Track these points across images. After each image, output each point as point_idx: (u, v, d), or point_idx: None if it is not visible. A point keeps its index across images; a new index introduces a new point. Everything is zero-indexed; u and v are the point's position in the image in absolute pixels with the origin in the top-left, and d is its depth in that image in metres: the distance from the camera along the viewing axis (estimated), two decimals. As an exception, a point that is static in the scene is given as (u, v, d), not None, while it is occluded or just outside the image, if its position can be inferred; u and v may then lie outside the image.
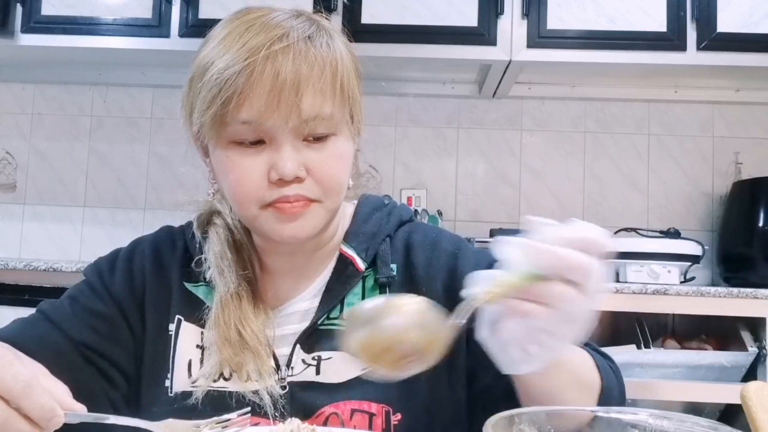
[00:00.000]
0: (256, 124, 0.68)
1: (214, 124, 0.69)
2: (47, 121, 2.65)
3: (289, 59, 0.68)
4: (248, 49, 0.68)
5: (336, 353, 0.76)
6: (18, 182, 2.64)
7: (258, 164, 0.70)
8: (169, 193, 2.58)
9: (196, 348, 0.79)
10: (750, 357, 1.86)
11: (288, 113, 0.68)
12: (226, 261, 0.78)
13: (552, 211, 2.50)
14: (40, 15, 2.23)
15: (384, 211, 0.86)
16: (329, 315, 0.78)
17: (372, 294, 0.80)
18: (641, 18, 2.13)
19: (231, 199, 0.74)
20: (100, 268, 0.83)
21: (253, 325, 0.76)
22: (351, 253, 0.80)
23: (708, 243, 2.33)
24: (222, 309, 0.76)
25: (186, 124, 0.77)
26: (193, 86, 0.73)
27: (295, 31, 0.70)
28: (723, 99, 2.47)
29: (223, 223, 0.81)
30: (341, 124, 0.73)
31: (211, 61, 0.70)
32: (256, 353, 0.74)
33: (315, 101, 0.69)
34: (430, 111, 2.56)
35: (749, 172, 2.43)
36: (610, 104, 2.53)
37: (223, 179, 0.74)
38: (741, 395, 0.41)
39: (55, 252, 2.59)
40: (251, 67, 0.67)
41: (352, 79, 0.74)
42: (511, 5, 2.15)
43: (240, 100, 0.67)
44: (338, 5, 2.15)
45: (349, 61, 0.75)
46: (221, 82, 0.68)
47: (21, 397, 0.51)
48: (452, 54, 2.16)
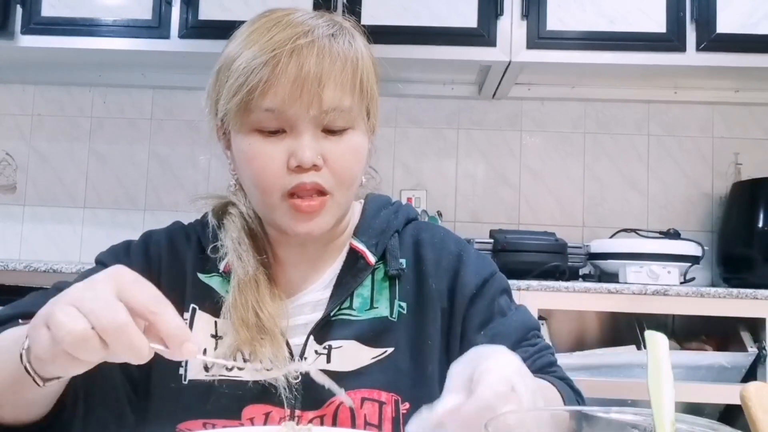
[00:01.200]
0: (278, 112, 0.72)
1: (238, 111, 0.73)
2: (47, 122, 2.66)
3: (313, 53, 0.72)
4: (274, 42, 0.72)
5: (346, 342, 0.78)
6: (18, 183, 2.64)
7: (278, 152, 0.73)
8: (169, 194, 2.58)
9: (211, 337, 0.79)
10: (750, 357, 1.86)
11: (310, 103, 0.71)
12: (243, 246, 0.80)
13: (552, 211, 2.50)
14: (40, 16, 2.23)
15: (391, 209, 0.89)
16: (341, 307, 0.80)
17: (381, 286, 0.82)
18: (641, 19, 2.13)
19: (253, 185, 0.76)
20: (117, 252, 0.85)
21: (270, 308, 0.77)
22: (361, 247, 0.82)
23: (708, 244, 2.33)
24: (240, 292, 0.77)
25: (210, 115, 0.80)
26: (220, 76, 0.77)
27: (319, 29, 0.74)
28: (723, 99, 2.47)
29: (238, 212, 0.83)
30: (358, 119, 0.77)
31: (239, 53, 0.74)
32: (273, 337, 0.75)
33: (336, 93, 0.73)
34: (430, 112, 2.56)
35: (749, 172, 2.43)
36: (609, 105, 2.53)
37: (244, 167, 0.76)
38: (741, 396, 0.41)
39: (55, 253, 2.59)
40: (277, 58, 0.71)
41: (372, 77, 0.79)
42: (511, 6, 2.15)
43: (265, 88, 0.71)
44: (338, 6, 2.15)
45: (369, 61, 0.79)
46: (248, 72, 0.72)
47: (155, 312, 0.51)
48: (452, 55, 2.16)
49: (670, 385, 0.40)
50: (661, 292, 1.85)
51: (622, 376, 1.85)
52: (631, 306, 1.88)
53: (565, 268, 2.10)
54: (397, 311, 0.81)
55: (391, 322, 0.80)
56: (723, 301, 1.84)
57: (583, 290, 1.86)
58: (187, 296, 0.81)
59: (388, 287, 0.82)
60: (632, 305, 1.87)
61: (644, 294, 1.85)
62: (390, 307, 0.81)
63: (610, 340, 2.12)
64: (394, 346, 0.79)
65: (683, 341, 2.05)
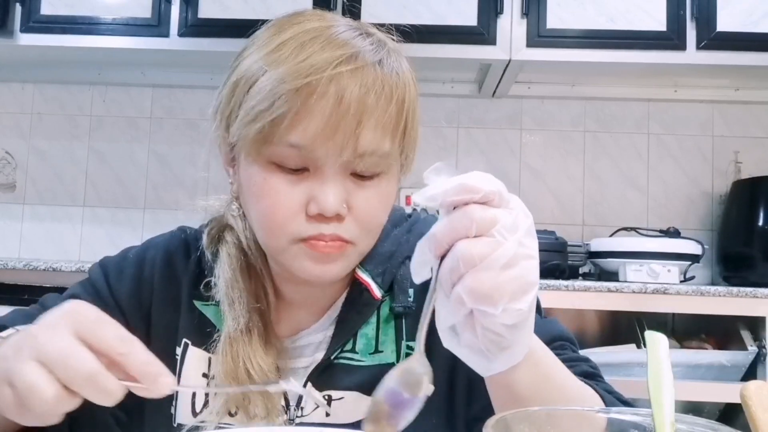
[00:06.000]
0: (305, 150, 0.61)
1: (257, 140, 0.62)
2: (47, 120, 2.65)
3: (356, 84, 0.61)
4: (311, 64, 0.60)
5: (348, 393, 0.71)
6: (17, 182, 2.64)
7: (297, 194, 0.63)
8: (169, 193, 2.58)
9: (202, 377, 0.74)
10: (750, 356, 1.86)
11: (344, 144, 0.61)
12: (237, 291, 0.71)
13: (552, 210, 2.50)
14: (40, 14, 2.23)
15: (404, 227, 0.79)
16: (343, 348, 0.73)
17: (387, 325, 0.73)
18: (641, 17, 2.13)
19: (259, 225, 0.67)
20: (107, 271, 0.78)
21: (263, 362, 0.69)
22: (366, 278, 0.73)
23: (708, 242, 2.33)
24: (230, 345, 0.69)
25: (216, 127, 0.69)
26: (237, 92, 0.65)
27: (365, 54, 0.63)
28: (723, 98, 2.47)
29: (235, 241, 0.73)
30: (394, 164, 0.67)
31: (263, 69, 0.62)
32: (265, 393, 0.69)
33: (375, 136, 0.62)
34: (430, 110, 2.56)
35: (749, 171, 2.43)
36: (609, 103, 2.53)
37: (253, 201, 0.66)
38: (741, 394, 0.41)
39: (54, 252, 2.59)
40: (312, 87, 0.60)
41: (417, 115, 0.69)
42: (511, 4, 2.15)
43: (294, 120, 0.60)
44: (338, 4, 2.15)
45: (415, 93, 0.69)
46: (275, 96, 0.60)
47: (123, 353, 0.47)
48: (452, 53, 2.16)
49: (670, 386, 0.40)
50: (661, 290, 1.85)
51: (622, 375, 1.85)
52: (631, 305, 1.88)
53: (565, 267, 2.10)
54: (405, 354, 0.72)
55: None
56: (723, 299, 1.84)
57: (583, 289, 1.86)
58: (180, 327, 0.75)
59: (393, 326, 0.73)
60: (632, 304, 1.87)
61: (644, 293, 1.85)
62: (396, 351, 0.73)
63: (610, 339, 2.12)
64: None
65: (683, 340, 2.05)
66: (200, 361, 0.74)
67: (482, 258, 0.44)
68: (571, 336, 0.75)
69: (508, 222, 0.45)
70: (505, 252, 0.44)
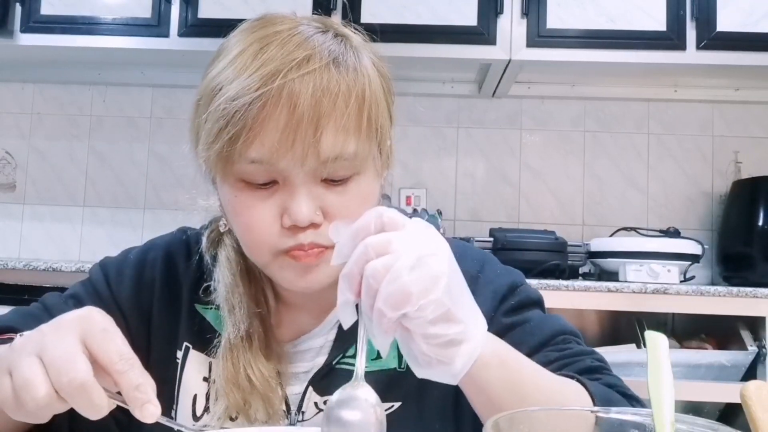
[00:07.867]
0: (268, 164, 0.61)
1: (219, 160, 0.62)
2: (47, 120, 2.65)
3: (308, 90, 0.59)
4: (261, 75, 0.59)
5: None
6: (17, 182, 2.64)
7: (269, 208, 0.63)
8: (169, 193, 2.58)
9: (203, 381, 0.73)
10: (750, 356, 1.86)
11: (304, 154, 0.60)
12: (237, 296, 0.71)
13: (552, 210, 2.50)
14: (40, 14, 2.23)
15: None
16: (345, 353, 0.72)
17: None
18: (641, 17, 2.13)
19: (241, 241, 0.68)
20: (108, 272, 0.77)
21: (264, 368, 0.69)
22: None
23: (708, 242, 2.33)
24: (231, 351, 0.69)
25: (191, 148, 0.69)
26: (198, 112, 0.65)
27: (319, 54, 0.61)
28: (722, 98, 2.47)
29: (234, 244, 0.73)
30: (366, 162, 0.65)
31: (220, 86, 0.62)
32: (266, 399, 0.68)
33: (337, 139, 0.61)
34: (430, 110, 2.56)
35: (749, 171, 2.43)
36: (609, 103, 2.53)
37: (231, 218, 0.67)
38: (740, 394, 0.41)
39: (54, 252, 2.59)
40: (264, 98, 0.59)
41: (382, 108, 0.66)
42: (511, 4, 2.15)
43: (249, 136, 0.59)
44: (338, 4, 2.15)
45: (379, 86, 0.66)
46: (228, 114, 0.59)
47: (119, 371, 0.49)
48: (452, 53, 2.16)
49: (670, 386, 0.40)
50: (660, 290, 1.85)
51: (622, 375, 1.82)
52: (631, 304, 1.88)
53: (565, 267, 2.10)
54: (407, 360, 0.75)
55: (399, 373, 0.72)
56: (723, 299, 1.84)
57: (583, 289, 1.86)
58: (180, 330, 0.74)
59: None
60: (632, 304, 1.87)
61: (644, 292, 1.85)
62: (398, 355, 0.72)
63: (610, 339, 2.13)
64: (401, 400, 0.71)
65: (683, 340, 2.05)
66: (201, 364, 0.74)
67: (387, 268, 0.48)
68: (576, 330, 0.75)
69: (402, 236, 0.49)
70: (407, 259, 0.48)
